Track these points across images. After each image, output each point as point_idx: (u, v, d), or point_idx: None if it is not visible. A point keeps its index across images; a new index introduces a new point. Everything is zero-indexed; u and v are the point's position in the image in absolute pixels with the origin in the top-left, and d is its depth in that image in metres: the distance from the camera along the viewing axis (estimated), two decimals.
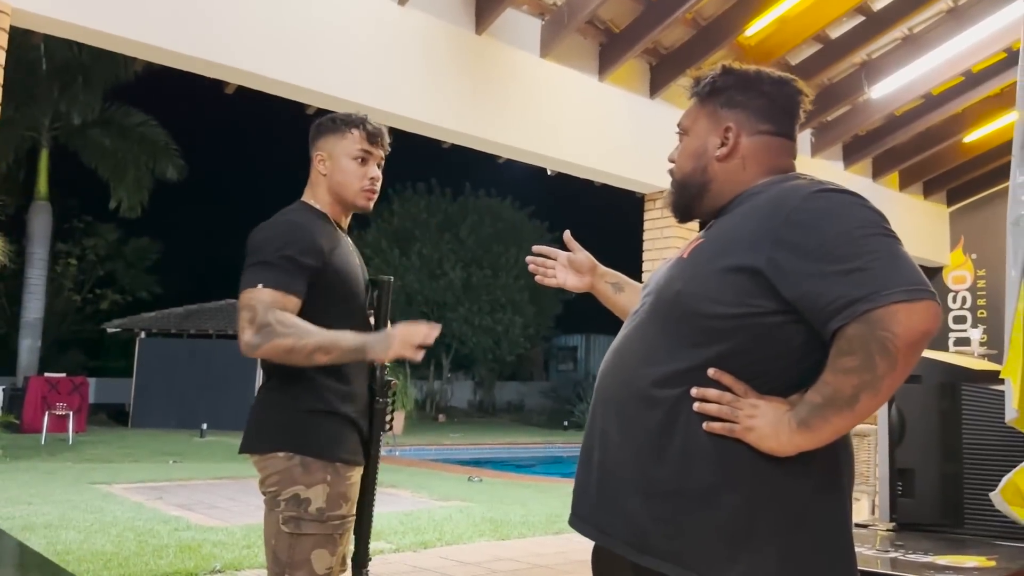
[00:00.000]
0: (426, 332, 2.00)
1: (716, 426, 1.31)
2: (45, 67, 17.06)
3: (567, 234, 1.97)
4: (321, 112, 4.95)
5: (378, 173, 2.27)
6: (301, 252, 2.04)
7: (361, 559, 2.19)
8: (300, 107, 4.98)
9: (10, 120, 16.07)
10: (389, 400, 2.23)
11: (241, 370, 17.11)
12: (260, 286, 1.98)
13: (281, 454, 2.04)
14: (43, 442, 12.97)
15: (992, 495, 1.89)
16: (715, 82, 1.53)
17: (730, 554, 1.28)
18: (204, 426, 15.56)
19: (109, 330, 20.29)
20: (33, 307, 18.86)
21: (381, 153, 2.29)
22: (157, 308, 21.16)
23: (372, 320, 2.27)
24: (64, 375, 16.00)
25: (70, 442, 13.26)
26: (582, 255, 1.95)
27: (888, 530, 2.13)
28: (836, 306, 1.25)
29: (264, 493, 2.08)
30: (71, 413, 14.14)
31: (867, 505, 3.18)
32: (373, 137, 2.25)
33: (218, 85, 4.83)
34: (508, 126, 5.34)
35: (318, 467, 2.03)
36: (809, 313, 1.29)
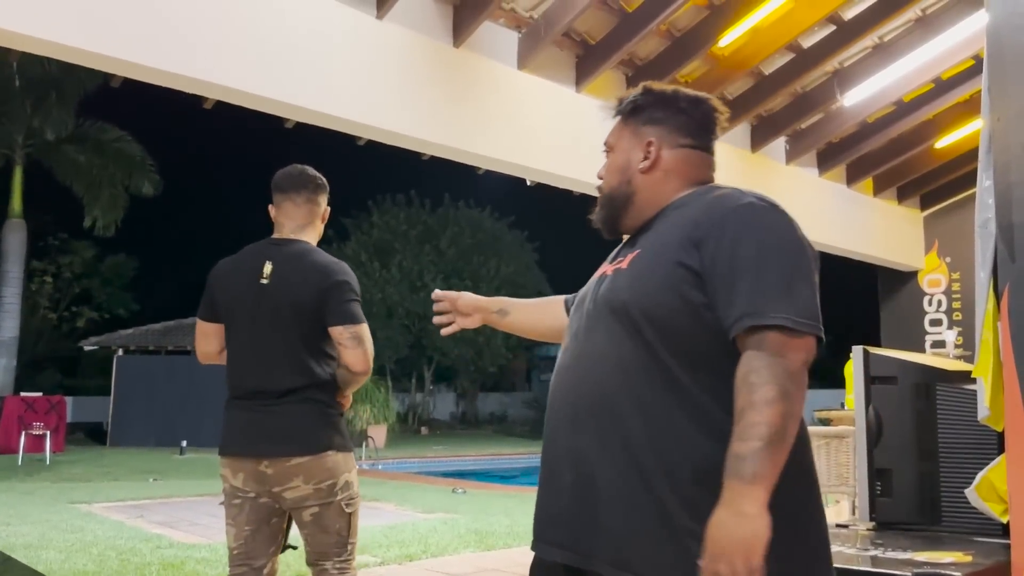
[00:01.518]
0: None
1: None
2: (18, 83, 16.93)
3: (435, 293, 2.01)
4: (300, 126, 4.97)
5: None
6: None
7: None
8: (278, 120, 4.99)
9: None
10: None
11: (220, 386, 16.89)
12: (364, 323, 2.52)
13: (331, 452, 2.46)
14: (20, 463, 12.81)
15: (967, 492, 1.94)
16: (636, 101, 1.62)
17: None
18: (184, 443, 15.42)
19: (86, 348, 20.10)
20: (8, 326, 18.63)
21: None
22: (134, 325, 20.96)
23: None
24: (40, 394, 15.81)
25: (48, 462, 13.10)
26: (463, 300, 1.97)
27: (868, 529, 2.17)
28: (729, 316, 1.34)
29: (315, 491, 2.44)
30: (48, 433, 13.97)
31: (847, 506, 3.22)
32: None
33: (196, 99, 4.83)
34: (487, 137, 5.37)
35: (351, 457, 2.57)
36: (719, 316, 1.37)
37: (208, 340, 2.65)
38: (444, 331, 2.02)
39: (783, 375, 1.27)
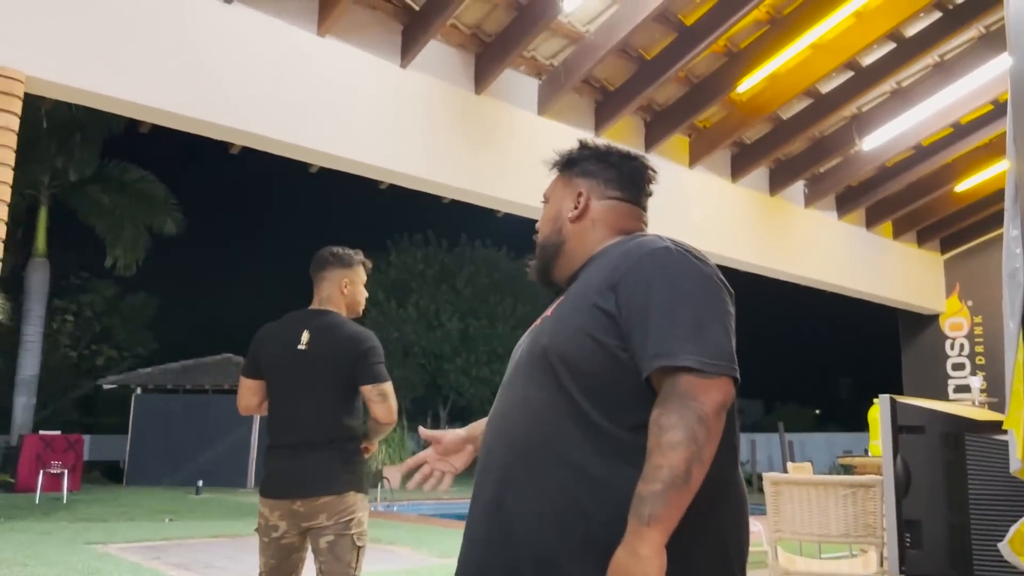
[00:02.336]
0: None
1: None
2: (45, 125, 17.28)
3: (422, 431, 1.87)
4: (324, 171, 5.05)
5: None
6: None
7: None
8: (302, 164, 5.07)
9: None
10: None
11: (236, 426, 16.96)
12: (389, 381, 2.93)
13: (351, 492, 2.83)
14: (37, 501, 12.80)
15: (1000, 546, 1.91)
16: (572, 155, 1.69)
17: None
18: (200, 483, 15.39)
19: (105, 386, 20.18)
20: (29, 364, 18.77)
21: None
22: (153, 363, 21.07)
23: None
24: (59, 433, 15.86)
25: (64, 501, 13.09)
26: (448, 438, 1.81)
27: None
28: (642, 357, 1.35)
29: (334, 524, 2.81)
30: (66, 471, 13.98)
31: (875, 557, 3.17)
32: (368, 268, 3.12)
33: (220, 142, 4.92)
34: (507, 182, 5.43)
35: (365, 499, 2.90)
36: (634, 357, 1.37)
37: (251, 394, 3.02)
38: (433, 487, 1.82)
39: (692, 418, 1.27)
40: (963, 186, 7.92)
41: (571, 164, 1.68)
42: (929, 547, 2.29)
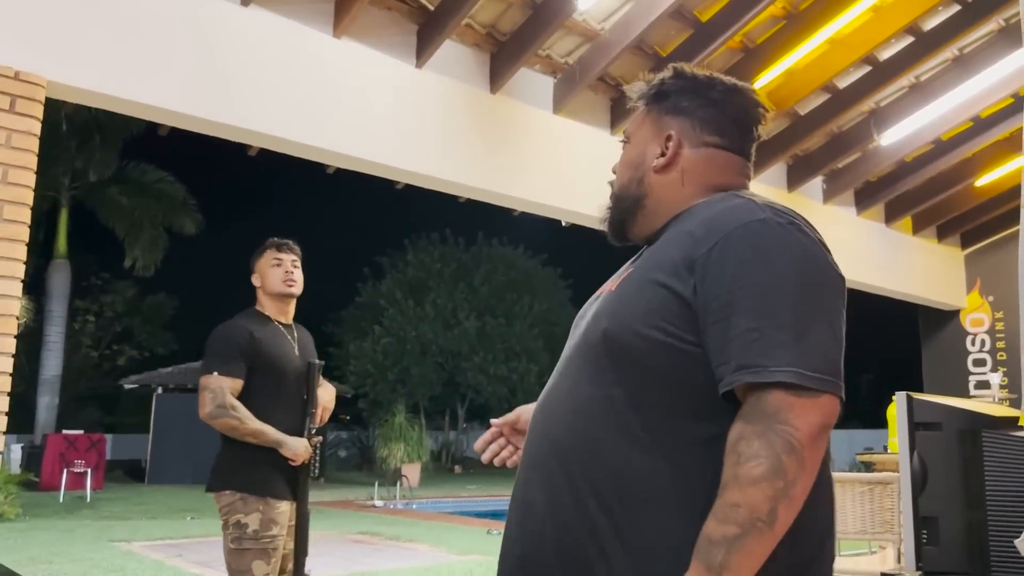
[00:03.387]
0: (302, 451, 2.86)
1: None
2: (65, 128, 17.47)
3: (494, 422, 1.60)
4: (341, 171, 5.08)
5: (292, 269, 3.05)
6: (239, 345, 2.88)
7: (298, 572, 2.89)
8: (320, 164, 5.11)
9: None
10: (315, 454, 2.96)
11: None
12: (215, 373, 2.84)
13: (227, 491, 2.82)
14: (61, 500, 12.97)
15: (1017, 542, 1.90)
16: (662, 85, 1.35)
17: None
18: None
19: (126, 386, 20.38)
20: (51, 364, 19.00)
21: (292, 256, 3.07)
22: (174, 363, 21.25)
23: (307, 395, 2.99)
24: (82, 432, 16.05)
25: (88, 499, 13.25)
26: (524, 417, 1.52)
27: None
28: (722, 366, 1.08)
29: (222, 524, 2.84)
30: (89, 470, 14.16)
31: (892, 554, 3.16)
32: (280, 247, 3.07)
33: (240, 143, 4.97)
34: (523, 181, 5.44)
35: (253, 500, 2.81)
36: (711, 362, 1.11)
37: None
38: (510, 462, 1.55)
39: (782, 447, 1.01)
40: (983, 181, 7.85)
41: (661, 97, 1.34)
42: (946, 543, 2.29)
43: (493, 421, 1.57)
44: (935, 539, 2.23)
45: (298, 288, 3.08)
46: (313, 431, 2.96)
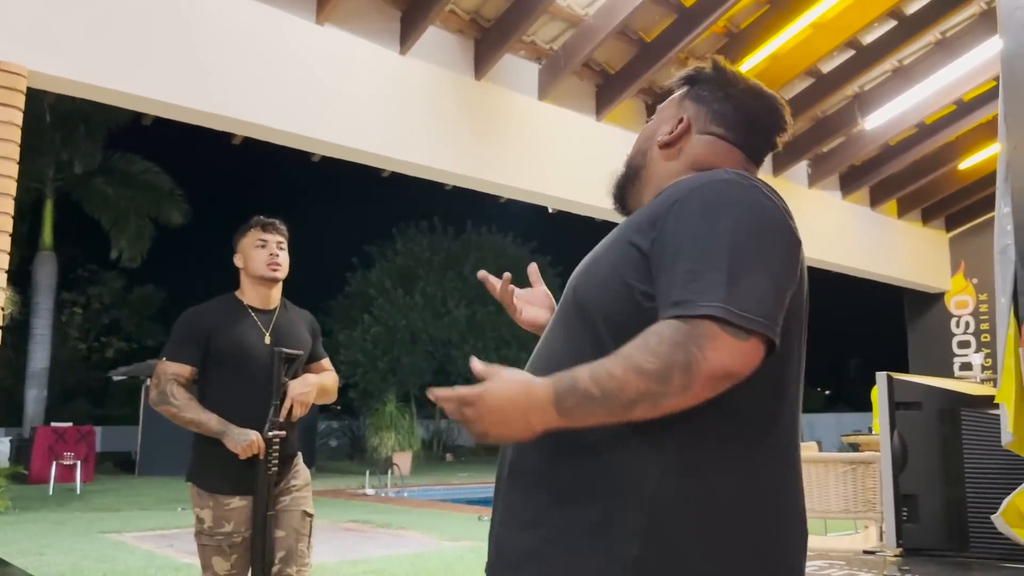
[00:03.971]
0: (249, 443, 2.66)
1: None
2: (48, 118, 17.33)
3: (532, 267, 1.80)
4: (327, 159, 5.07)
5: (277, 251, 2.90)
6: (192, 331, 2.78)
7: (265, 568, 2.72)
8: (305, 152, 5.09)
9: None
10: (272, 449, 2.75)
11: None
12: (164, 359, 2.77)
13: (189, 483, 2.80)
14: (51, 492, 12.94)
15: (994, 518, 1.94)
16: (697, 72, 1.42)
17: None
18: None
19: (115, 378, 20.30)
20: (39, 357, 18.91)
21: (277, 237, 2.92)
22: None
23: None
24: (71, 424, 15.99)
25: (78, 492, 13.22)
26: (540, 293, 1.73)
27: (895, 556, 2.17)
28: (662, 303, 1.11)
29: None
30: (78, 463, 14.11)
31: (874, 532, 3.20)
32: (264, 226, 2.91)
33: (225, 132, 4.95)
34: (509, 167, 5.44)
35: (204, 495, 2.74)
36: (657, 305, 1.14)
37: None
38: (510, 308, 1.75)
39: (682, 365, 1.04)
40: (966, 164, 7.90)
41: (691, 82, 1.42)
42: (926, 520, 2.33)
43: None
44: (915, 517, 2.27)
45: (282, 272, 2.92)
46: (275, 424, 2.74)
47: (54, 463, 13.91)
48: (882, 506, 2.91)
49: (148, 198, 19.28)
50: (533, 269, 1.78)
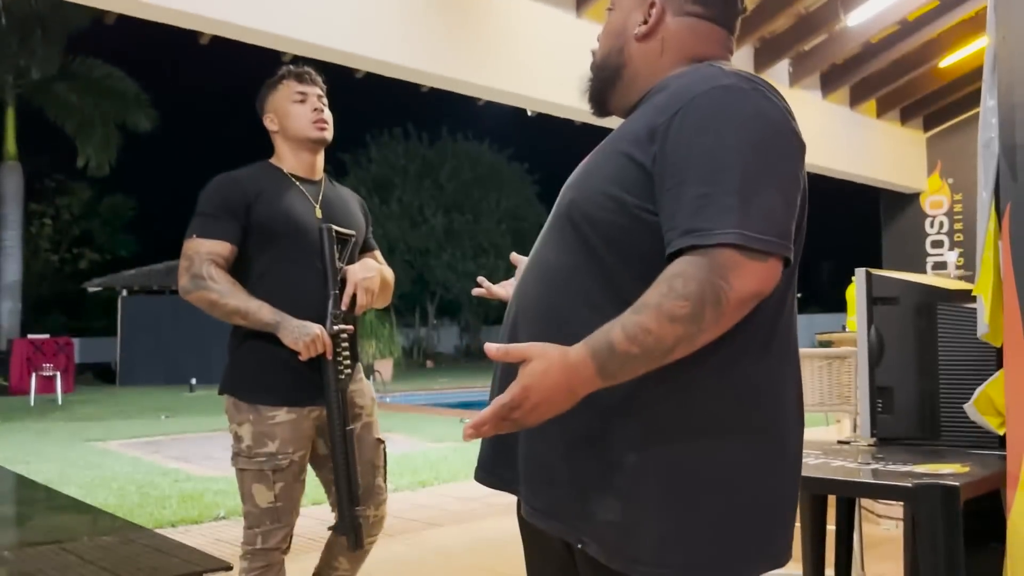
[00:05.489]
0: (314, 338, 2.16)
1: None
2: (4, 21, 16.64)
3: (513, 255, 1.66)
4: (297, 59, 4.91)
5: (320, 105, 2.40)
6: (228, 201, 2.25)
7: (351, 499, 2.25)
8: (276, 53, 4.93)
9: None
10: (340, 347, 2.24)
11: (227, 324, 17.06)
12: (195, 236, 2.23)
13: (225, 395, 2.30)
14: (32, 403, 13.02)
15: (966, 407, 2.00)
16: None
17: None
18: (193, 381, 15.63)
19: (90, 289, 20.19)
20: (11, 269, 18.71)
21: (317, 90, 2.42)
22: (137, 265, 21.03)
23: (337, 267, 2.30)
24: (48, 336, 15.97)
25: (59, 402, 13.31)
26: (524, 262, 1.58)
27: (869, 445, 2.24)
28: (670, 231, 1.09)
29: None
30: (58, 373, 14.17)
31: (848, 424, 3.31)
32: (301, 77, 2.40)
33: (191, 33, 4.76)
34: (486, 67, 5.31)
35: (244, 407, 2.24)
36: (662, 228, 1.12)
37: None
38: (492, 294, 1.73)
39: (712, 299, 1.04)
40: (947, 62, 7.82)
41: None
42: (900, 411, 2.39)
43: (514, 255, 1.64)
44: (889, 408, 2.33)
45: (330, 132, 2.42)
46: (337, 316, 2.24)
47: (33, 374, 13.96)
48: (856, 399, 2.99)
49: (113, 104, 18.75)
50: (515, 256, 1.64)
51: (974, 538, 1.86)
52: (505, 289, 1.63)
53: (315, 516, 3.72)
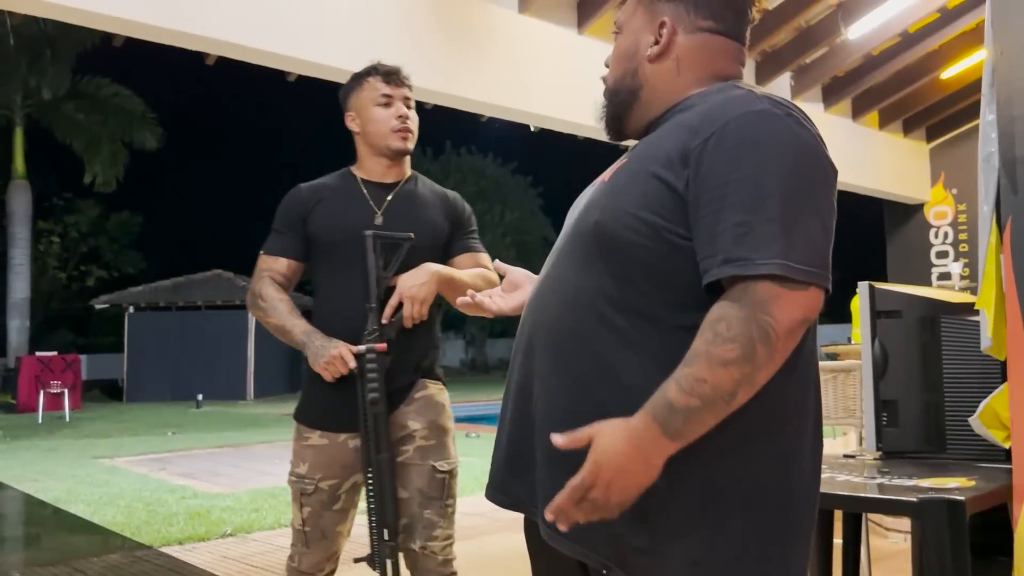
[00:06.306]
0: (330, 359, 2.04)
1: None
2: (13, 42, 16.78)
3: (497, 263, 1.68)
4: (302, 79, 4.96)
5: (406, 111, 2.26)
6: (289, 215, 2.22)
7: (380, 529, 2.10)
8: (281, 72, 4.97)
9: None
10: (368, 367, 2.05)
11: (233, 340, 17.14)
12: (262, 252, 2.23)
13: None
14: (40, 420, 13.04)
15: (971, 420, 2.00)
16: None
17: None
18: (199, 397, 15.65)
19: (97, 306, 20.25)
20: (19, 287, 18.79)
21: (404, 92, 2.29)
22: (144, 282, 21.10)
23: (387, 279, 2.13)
24: (56, 353, 16.01)
25: (67, 419, 13.33)
26: (518, 274, 1.56)
27: (875, 458, 2.24)
28: (708, 259, 1.09)
29: None
30: (66, 390, 14.19)
31: (854, 437, 3.31)
32: (389, 77, 2.27)
33: (197, 53, 4.81)
34: (489, 84, 5.35)
35: (296, 424, 2.22)
36: (697, 254, 1.11)
37: None
38: (483, 310, 1.61)
39: (760, 336, 1.03)
40: (948, 73, 7.83)
41: None
42: (905, 425, 2.39)
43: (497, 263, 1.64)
44: (894, 421, 2.33)
45: (413, 140, 2.28)
46: (375, 333, 2.06)
47: (41, 392, 13.98)
48: (862, 412, 2.99)
49: (120, 122, 18.88)
50: (499, 264, 1.65)
51: (981, 551, 1.86)
52: (492, 300, 1.56)
53: None
